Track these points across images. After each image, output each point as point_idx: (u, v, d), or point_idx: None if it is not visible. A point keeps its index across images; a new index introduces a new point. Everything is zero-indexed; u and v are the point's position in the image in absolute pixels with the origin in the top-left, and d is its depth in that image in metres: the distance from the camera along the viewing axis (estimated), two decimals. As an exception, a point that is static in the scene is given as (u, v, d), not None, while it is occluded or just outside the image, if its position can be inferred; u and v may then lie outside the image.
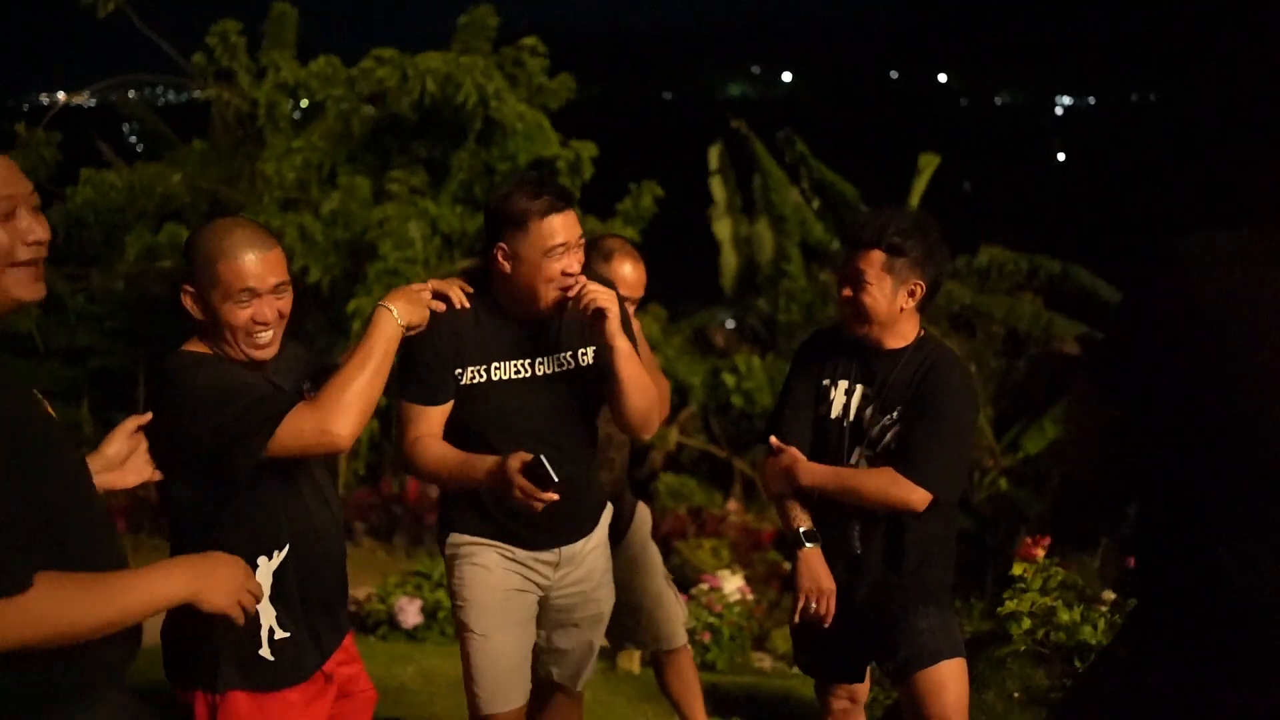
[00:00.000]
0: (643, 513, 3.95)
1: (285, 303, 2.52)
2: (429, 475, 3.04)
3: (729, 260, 15.41)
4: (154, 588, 1.92)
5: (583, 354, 3.04)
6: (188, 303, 2.48)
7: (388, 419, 11.14)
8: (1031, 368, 13.15)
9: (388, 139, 11.13)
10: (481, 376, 2.95)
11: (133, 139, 17.48)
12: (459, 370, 2.95)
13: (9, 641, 1.69)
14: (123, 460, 2.37)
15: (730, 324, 15.99)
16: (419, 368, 2.93)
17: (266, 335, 2.50)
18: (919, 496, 2.95)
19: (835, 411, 3.12)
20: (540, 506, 2.74)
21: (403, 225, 10.11)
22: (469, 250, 11.31)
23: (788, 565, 7.39)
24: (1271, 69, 2.05)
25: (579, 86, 12.22)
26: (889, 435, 3.04)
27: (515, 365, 2.97)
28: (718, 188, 14.85)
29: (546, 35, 12.11)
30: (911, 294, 3.01)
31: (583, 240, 2.93)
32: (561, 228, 2.83)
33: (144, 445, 2.41)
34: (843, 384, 3.12)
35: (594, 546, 3.23)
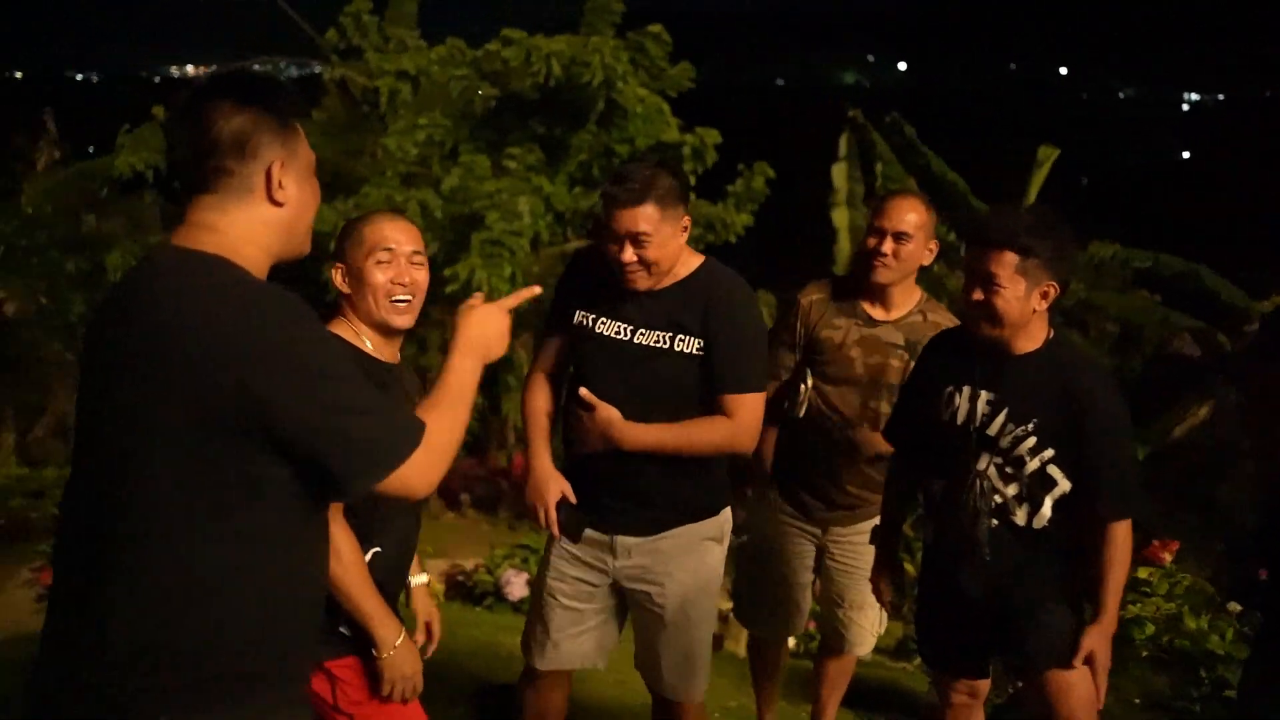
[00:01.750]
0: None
1: (422, 274, 2.68)
2: (521, 413, 3.31)
3: (844, 249, 15.23)
4: (467, 371, 2.11)
5: (680, 339, 3.04)
6: (336, 278, 2.66)
7: (494, 392, 11.33)
8: (1148, 367, 12.78)
9: (507, 117, 11.25)
10: (588, 323, 3.15)
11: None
12: (571, 309, 3.19)
13: (445, 465, 1.96)
14: None
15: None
16: (555, 301, 3.26)
17: (406, 300, 2.65)
18: (1123, 531, 2.88)
19: (960, 417, 3.01)
20: (545, 527, 3.11)
21: (513, 199, 10.24)
22: (581, 228, 11.40)
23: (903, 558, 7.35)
24: None
25: (697, 67, 12.22)
26: (1022, 446, 2.92)
27: (617, 325, 3.10)
28: (839, 176, 14.68)
29: (664, 17, 12.11)
30: (1044, 296, 2.88)
31: (640, 234, 2.93)
32: (620, 221, 2.96)
33: None
34: (967, 389, 3.01)
35: (672, 550, 3.16)
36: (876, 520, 3.61)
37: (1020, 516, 2.94)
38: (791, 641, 6.02)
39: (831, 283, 3.76)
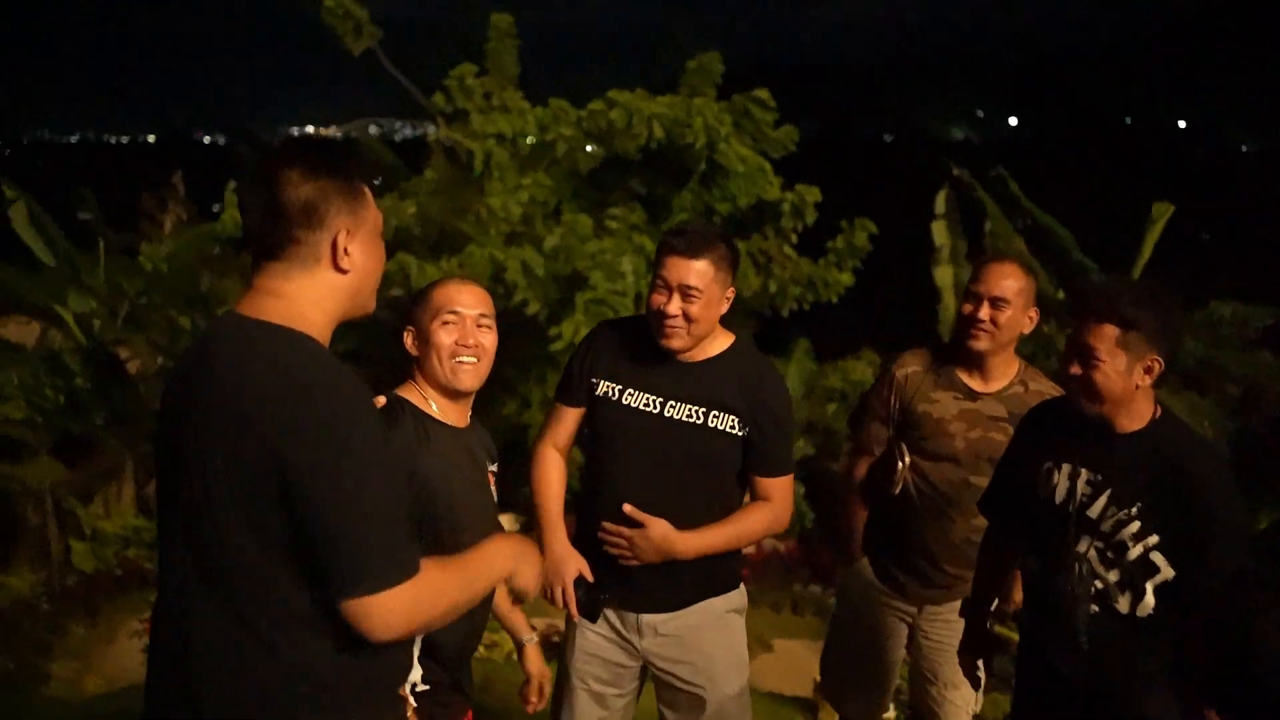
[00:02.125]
0: None
1: (489, 338, 2.70)
2: (531, 487, 3.19)
3: (948, 307, 15.01)
4: (492, 566, 2.11)
5: (715, 416, 3.02)
6: (408, 341, 2.70)
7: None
8: (1271, 429, 12.24)
9: (610, 177, 11.39)
10: (614, 394, 3.08)
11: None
12: (595, 379, 3.10)
13: (412, 623, 1.84)
14: None
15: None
16: (569, 371, 3.17)
17: (470, 362, 2.66)
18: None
19: (1059, 496, 2.85)
20: (563, 607, 3.00)
21: (616, 259, 10.32)
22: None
23: (1004, 630, 7.17)
24: None
25: (798, 123, 12.25)
26: (1125, 531, 2.74)
27: (646, 397, 3.04)
28: (940, 233, 14.52)
29: (767, 71, 12.18)
30: (1148, 371, 2.70)
31: (690, 288, 2.91)
32: (672, 269, 2.94)
33: None
34: (1066, 467, 2.84)
35: (697, 625, 3.13)
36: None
37: (1123, 604, 2.77)
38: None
39: (927, 352, 3.62)
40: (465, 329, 2.65)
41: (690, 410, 3.02)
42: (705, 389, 3.02)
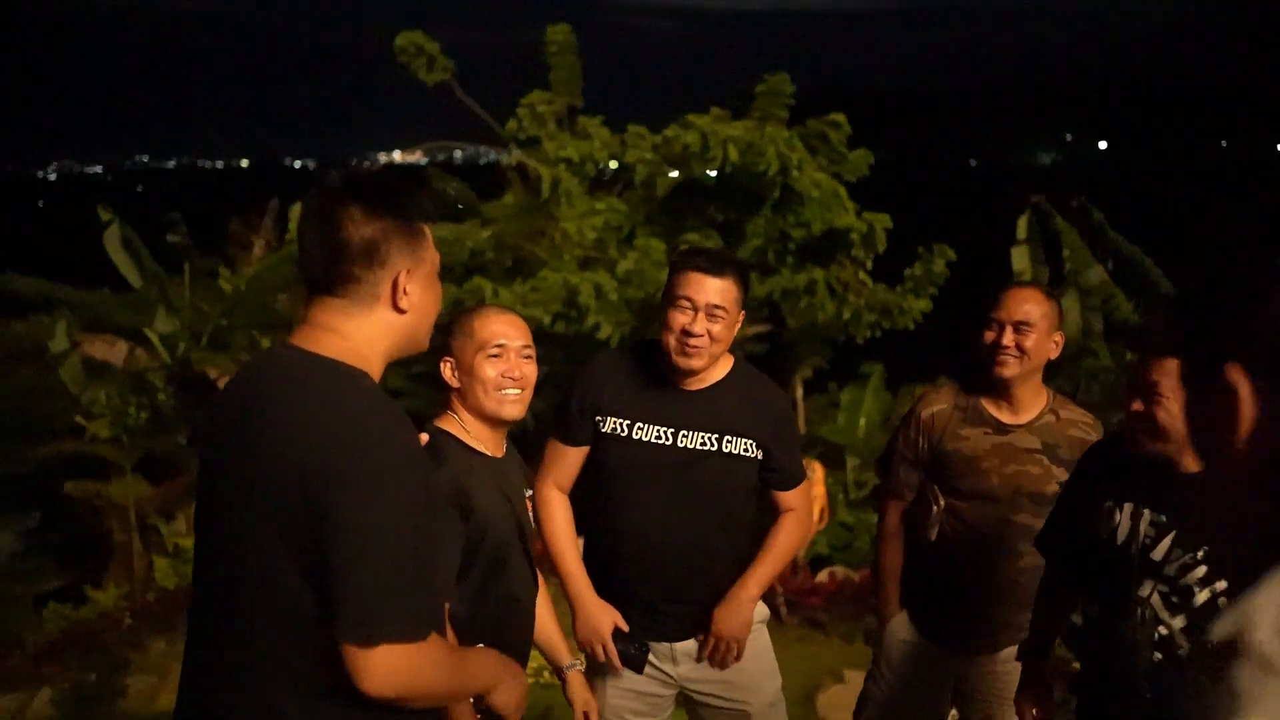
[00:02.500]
0: None
1: (531, 368, 2.69)
2: (541, 534, 3.08)
3: (1028, 335, 14.73)
4: (481, 672, 2.09)
5: (729, 440, 3.01)
6: (446, 372, 2.67)
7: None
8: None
9: (684, 202, 11.38)
10: (623, 429, 3.02)
11: (452, 192, 18.70)
12: (599, 418, 3.03)
13: (406, 688, 1.77)
14: None
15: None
16: (566, 409, 3.09)
17: (515, 394, 2.66)
18: None
19: (1120, 537, 2.72)
20: (601, 657, 2.98)
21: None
22: (754, 315, 11.36)
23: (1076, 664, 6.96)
24: None
25: (878, 148, 12.15)
26: (1191, 575, 2.62)
27: (657, 429, 3.00)
28: (1020, 259, 14.26)
29: (846, 96, 12.12)
30: None
31: (716, 307, 2.90)
32: (698, 288, 2.90)
33: None
34: (1128, 506, 2.71)
35: None
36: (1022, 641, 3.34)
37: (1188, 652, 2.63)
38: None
39: (952, 388, 3.50)
40: (510, 361, 2.64)
41: (704, 438, 3.00)
42: (716, 415, 3.01)
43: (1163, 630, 2.67)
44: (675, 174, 11.69)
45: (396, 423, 1.85)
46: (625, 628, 3.03)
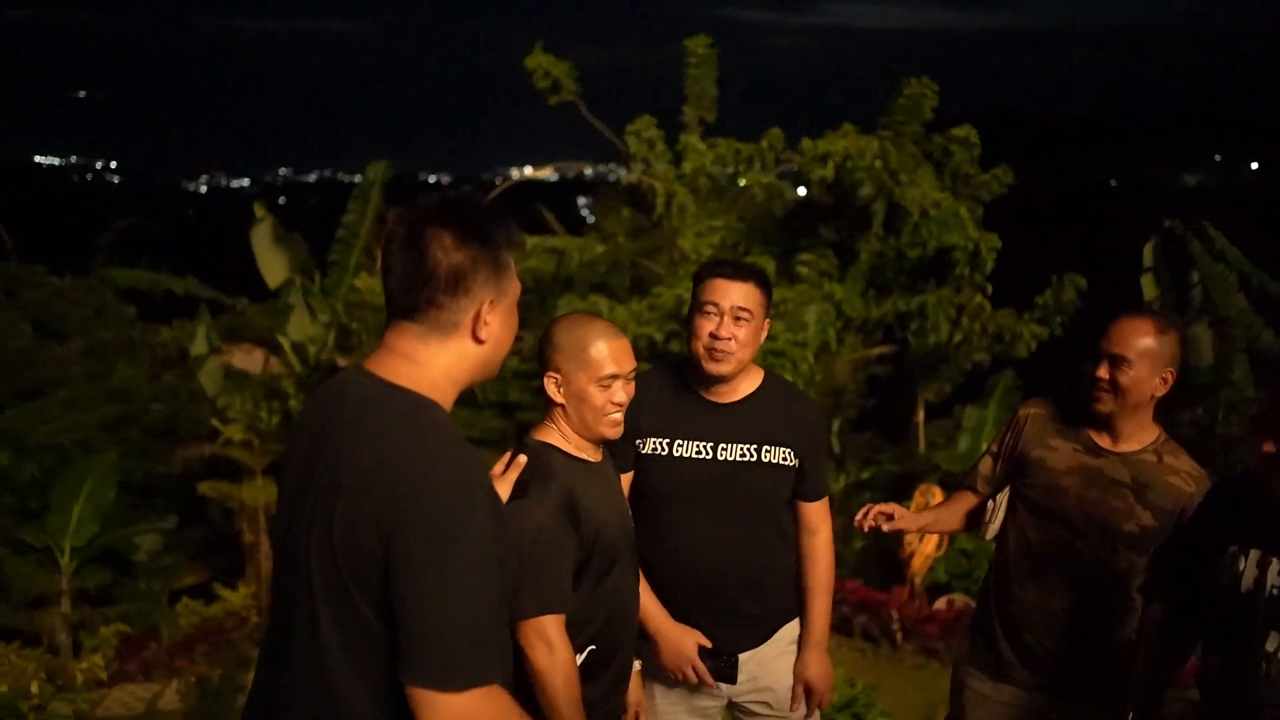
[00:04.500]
0: None
1: (632, 390, 2.74)
2: None
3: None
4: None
5: (768, 450, 3.04)
6: (550, 388, 2.67)
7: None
8: None
9: (800, 221, 11.32)
10: (663, 449, 3.05)
11: (584, 211, 18.93)
12: (639, 439, 3.05)
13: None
14: None
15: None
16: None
17: (619, 415, 2.71)
18: None
19: (1245, 585, 2.54)
20: (694, 679, 3.03)
21: (800, 309, 10.20)
22: (869, 336, 11.22)
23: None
24: None
25: (1020, 169, 11.85)
26: None
27: (697, 445, 3.03)
28: (1149, 286, 13.75)
29: (987, 116, 11.87)
30: None
31: (741, 309, 2.95)
32: (722, 293, 2.97)
33: None
34: (1255, 553, 2.53)
35: (778, 655, 3.19)
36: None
37: None
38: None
39: (1060, 399, 3.31)
40: (618, 391, 2.67)
41: (743, 449, 3.04)
42: (753, 426, 3.05)
43: None
44: (803, 191, 11.62)
45: (470, 462, 1.81)
46: (708, 644, 3.06)
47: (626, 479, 3.07)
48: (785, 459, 3.06)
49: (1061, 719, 3.22)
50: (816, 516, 3.19)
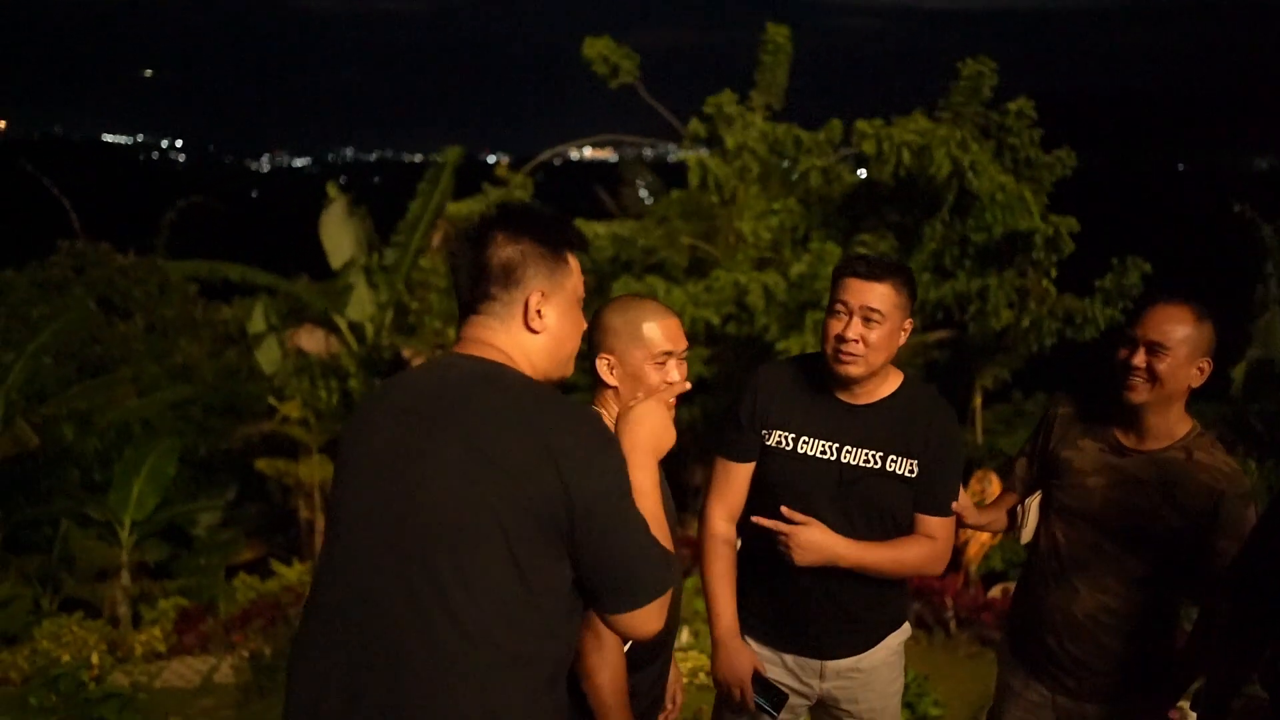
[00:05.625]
0: None
1: (685, 367, 2.68)
2: (702, 569, 3.05)
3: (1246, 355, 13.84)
4: (650, 486, 2.17)
5: (893, 460, 2.89)
6: (603, 370, 2.61)
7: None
8: None
9: (861, 204, 11.16)
10: (787, 443, 2.95)
11: (643, 193, 18.88)
12: (765, 431, 2.97)
13: (664, 617, 2.01)
14: None
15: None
16: (735, 423, 3.01)
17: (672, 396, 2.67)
18: None
19: None
20: (738, 699, 2.94)
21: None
22: (928, 319, 11.05)
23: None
24: None
25: (1086, 153, 11.56)
26: None
27: (822, 444, 2.92)
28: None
29: (1055, 97, 11.62)
30: None
31: (872, 310, 2.81)
32: (853, 292, 2.85)
33: None
34: None
35: (877, 664, 3.08)
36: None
37: None
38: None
39: (1088, 396, 3.22)
40: (672, 369, 2.63)
41: (868, 455, 2.90)
42: (882, 432, 2.90)
43: None
44: (863, 173, 11.44)
45: (591, 409, 2.02)
46: (765, 673, 3.00)
47: (749, 468, 3.03)
48: (910, 471, 2.91)
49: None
50: (933, 530, 2.97)
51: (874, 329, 2.83)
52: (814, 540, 2.86)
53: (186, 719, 7.50)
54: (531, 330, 2.05)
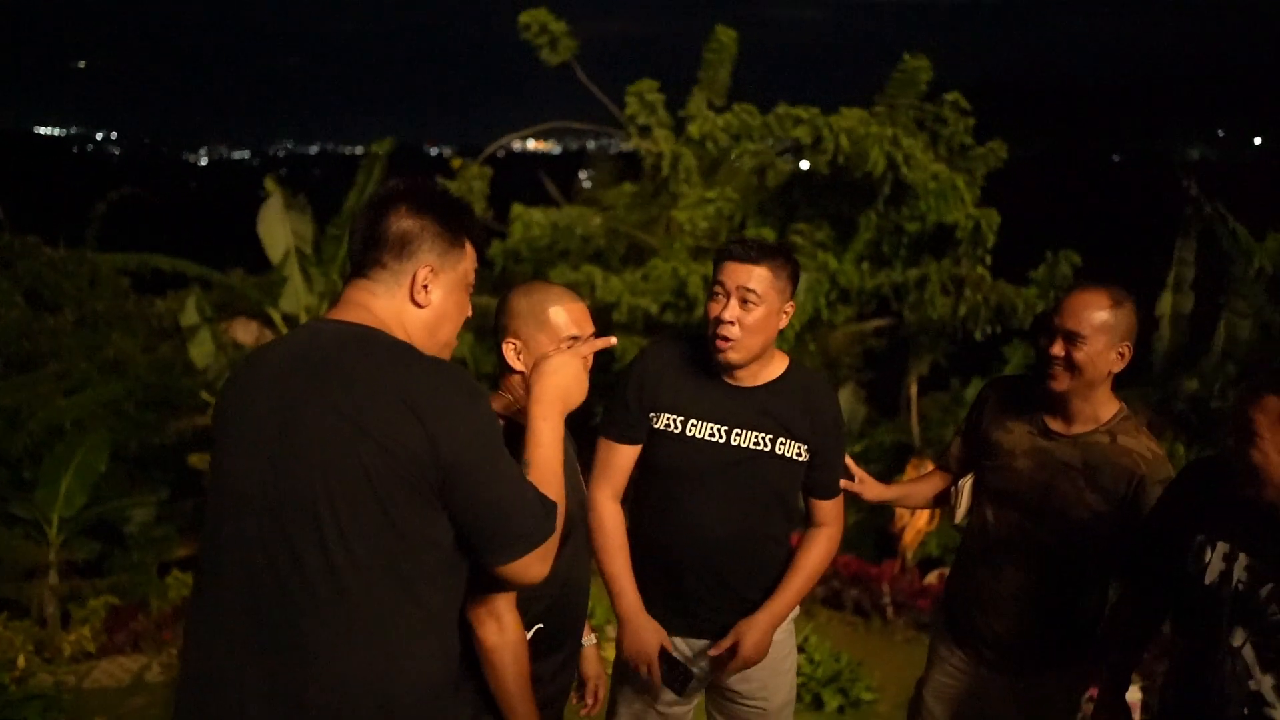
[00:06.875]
0: None
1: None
2: (594, 545, 2.98)
3: (1163, 338, 14.08)
4: (549, 437, 2.21)
5: (782, 443, 2.93)
6: (509, 355, 2.58)
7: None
8: None
9: (797, 193, 11.20)
10: (676, 426, 2.96)
11: (588, 184, 18.83)
12: (654, 414, 2.97)
13: (550, 564, 2.05)
14: None
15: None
16: (622, 405, 3.00)
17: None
18: None
19: (1210, 577, 2.48)
20: (645, 675, 2.97)
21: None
22: (864, 306, 11.12)
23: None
24: None
25: (1019, 145, 11.72)
26: None
27: (711, 427, 2.93)
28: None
29: (984, 91, 11.73)
30: None
31: (749, 291, 2.82)
32: (730, 274, 2.86)
33: None
34: (1222, 546, 2.48)
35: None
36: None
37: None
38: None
39: (1023, 378, 3.27)
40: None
41: (758, 438, 2.92)
42: (770, 414, 2.93)
43: (1253, 685, 2.43)
44: (805, 164, 11.48)
45: (461, 368, 2.03)
46: (672, 650, 3.00)
47: (635, 450, 3.02)
48: (799, 454, 2.94)
49: (1005, 697, 3.20)
50: (827, 514, 3.06)
51: (751, 311, 2.84)
52: (757, 643, 2.96)
53: (116, 718, 7.37)
54: (416, 304, 2.09)
